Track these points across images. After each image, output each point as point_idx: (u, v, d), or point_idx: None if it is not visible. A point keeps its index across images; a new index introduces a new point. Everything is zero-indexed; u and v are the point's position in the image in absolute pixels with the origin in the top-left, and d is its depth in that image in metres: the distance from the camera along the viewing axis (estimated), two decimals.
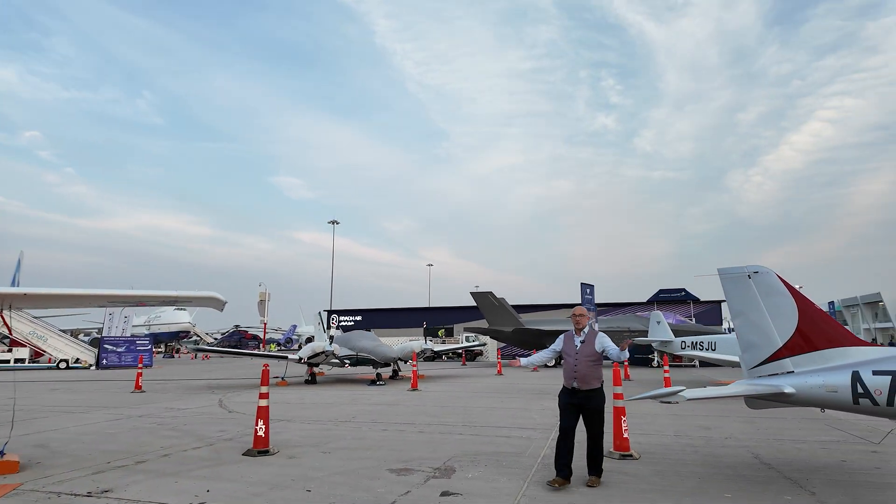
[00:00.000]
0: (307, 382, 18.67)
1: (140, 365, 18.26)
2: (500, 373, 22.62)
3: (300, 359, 18.08)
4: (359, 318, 47.33)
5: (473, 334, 37.90)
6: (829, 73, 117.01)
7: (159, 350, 63.14)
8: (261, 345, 59.48)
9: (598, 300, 31.99)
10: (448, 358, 37.34)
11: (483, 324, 33.85)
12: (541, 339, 29.96)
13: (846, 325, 47.44)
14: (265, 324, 59.17)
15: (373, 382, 17.76)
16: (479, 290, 31.60)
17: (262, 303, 56.47)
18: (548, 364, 7.39)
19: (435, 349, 20.70)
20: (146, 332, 68.01)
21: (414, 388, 15.79)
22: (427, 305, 55.39)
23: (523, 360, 6.10)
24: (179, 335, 70.38)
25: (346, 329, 42.85)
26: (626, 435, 6.65)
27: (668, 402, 8.35)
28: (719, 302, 39.68)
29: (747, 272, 5.85)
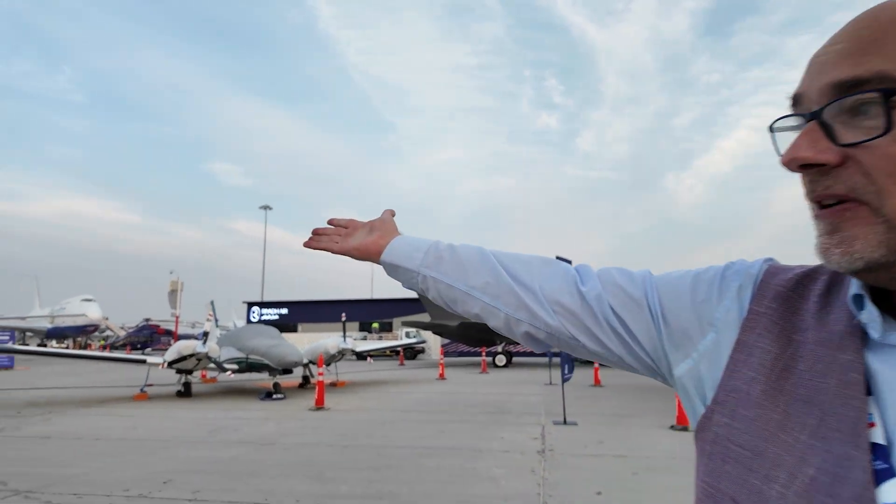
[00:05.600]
0: (179, 395, 13.56)
1: None
2: (442, 377, 18.23)
3: (164, 362, 12.96)
4: (284, 310, 41.71)
5: (414, 329, 33.40)
6: (753, 85, 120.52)
7: (62, 346, 54.88)
8: (172, 341, 52.63)
9: None
10: (386, 356, 32.67)
11: (425, 317, 29.41)
12: (490, 335, 25.85)
13: None
14: (177, 317, 52.29)
15: (268, 395, 12.92)
16: None
17: (173, 293, 49.62)
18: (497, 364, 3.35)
19: (357, 349, 15.96)
20: (48, 326, 59.38)
21: (319, 405, 11.10)
22: (364, 297, 50.44)
23: None
24: (87, 329, 61.91)
25: (271, 325, 37.16)
26: None
27: None
28: None
29: None
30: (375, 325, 40.34)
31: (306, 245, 1.03)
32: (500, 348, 25.43)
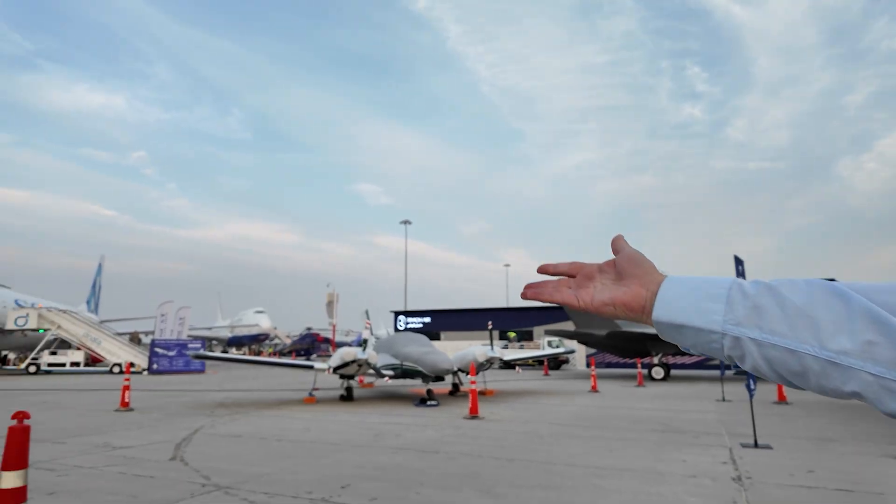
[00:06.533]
0: (342, 399, 14.43)
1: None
2: (594, 389, 17.23)
3: (329, 368, 13.85)
4: (427, 319, 43.15)
5: (557, 338, 32.39)
6: None
7: (240, 353, 62.79)
8: (331, 348, 57.28)
9: None
10: (528, 366, 32.08)
11: (569, 326, 28.35)
12: (643, 345, 24.05)
13: None
14: (334, 326, 56.80)
15: (421, 401, 13.17)
16: None
17: (329, 304, 54.03)
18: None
19: (505, 358, 15.68)
20: (229, 335, 68.45)
21: (473, 414, 10.98)
22: (503, 305, 50.41)
23: None
24: (260, 338, 70.13)
25: (417, 332, 38.73)
26: None
27: None
28: None
29: None
30: (512, 333, 39.87)
31: (525, 296, 0.80)
32: (656, 359, 23.52)
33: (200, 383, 21.02)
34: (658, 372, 23.04)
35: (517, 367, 16.29)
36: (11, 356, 34.65)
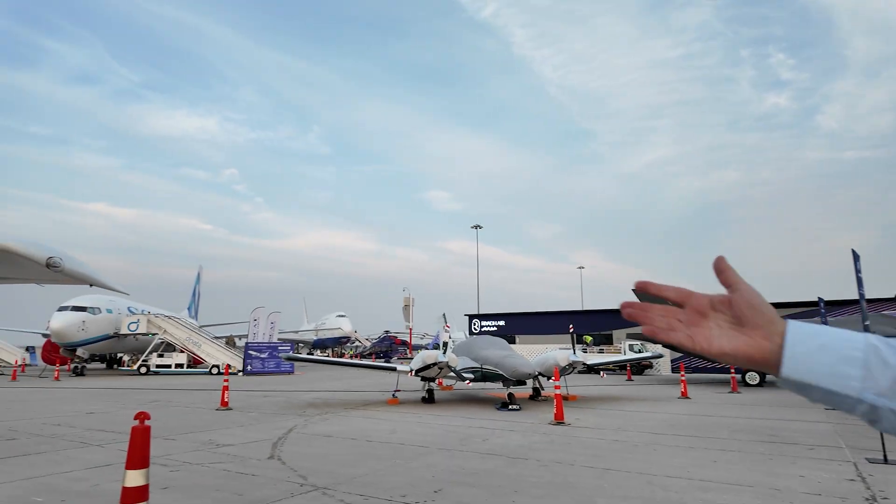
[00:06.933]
0: (424, 401, 14.56)
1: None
2: (685, 395, 16.28)
3: (411, 370, 14.02)
4: (501, 322, 42.76)
5: (639, 342, 31.05)
6: None
7: (324, 355, 65.43)
8: (408, 350, 58.27)
9: (798, 298, 23.45)
10: (609, 370, 30.96)
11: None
12: None
13: None
14: (410, 329, 57.62)
15: (503, 405, 12.99)
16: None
17: (406, 308, 55.09)
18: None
19: (588, 362, 15.15)
20: (314, 338, 71.62)
21: (558, 420, 10.68)
22: (578, 308, 49.07)
23: None
24: (342, 340, 72.83)
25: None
26: None
27: None
28: None
29: None
30: (589, 338, 38.55)
31: (628, 315, 0.78)
32: None
33: (290, 384, 22.03)
34: (753, 377, 21.45)
35: (602, 372, 15.69)
36: (125, 358, 38.07)
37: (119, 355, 38.50)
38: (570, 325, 14.72)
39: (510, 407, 12.74)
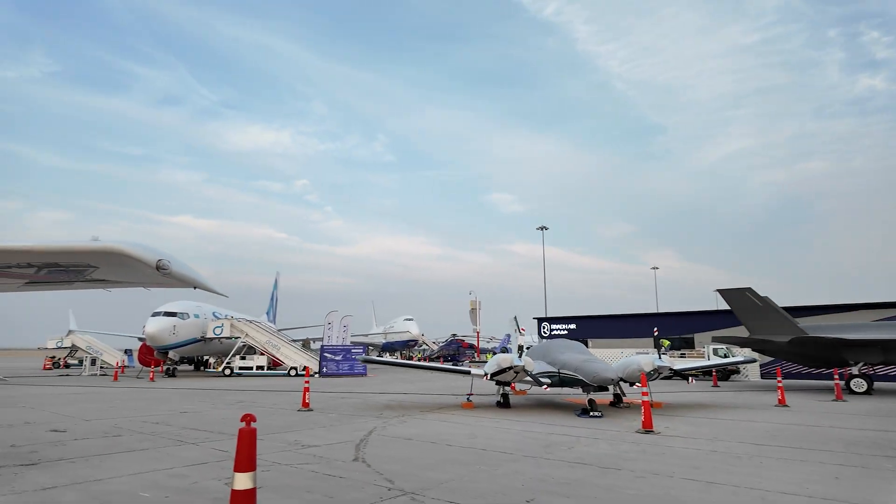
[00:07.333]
0: (499, 405, 14.30)
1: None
2: (782, 402, 15.02)
3: (486, 374, 13.80)
4: (572, 325, 41.62)
5: (724, 346, 29.19)
6: None
7: (394, 357, 66.60)
8: (476, 354, 58.05)
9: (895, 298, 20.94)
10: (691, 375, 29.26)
11: (738, 332, 25.34)
12: (837, 353, 20.59)
13: None
14: (478, 333, 57.39)
15: (584, 412, 12.49)
16: (730, 287, 23.43)
17: (473, 311, 54.92)
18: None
19: (675, 367, 14.30)
20: (384, 341, 73.16)
21: (647, 428, 10.09)
22: (656, 311, 47.02)
23: None
24: (410, 343, 73.93)
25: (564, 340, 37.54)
26: None
27: None
28: None
29: None
30: (666, 342, 36.74)
31: None
32: (855, 370, 20.00)
33: (364, 386, 22.44)
34: (859, 384, 19.52)
35: (690, 378, 14.77)
36: (212, 360, 40.42)
37: (206, 357, 40.90)
38: (655, 329, 13.99)
39: (591, 414, 12.22)
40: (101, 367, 37.20)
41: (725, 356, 29.11)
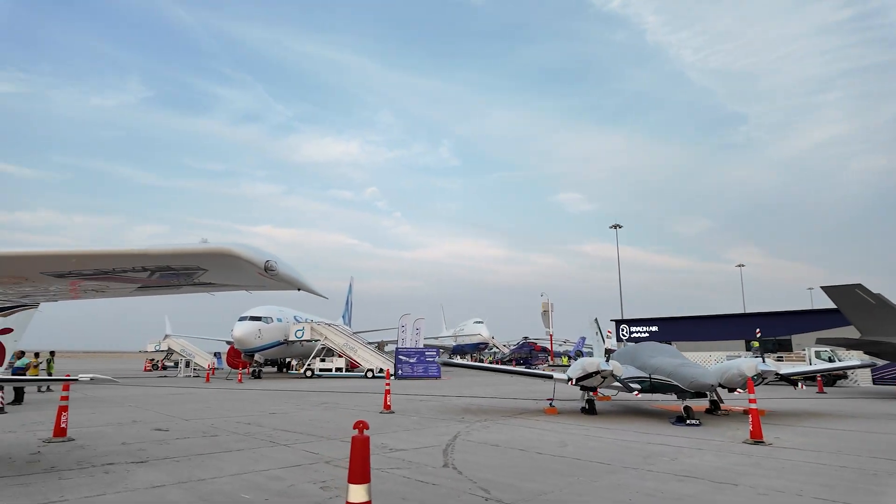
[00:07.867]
0: (584, 412, 13.70)
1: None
2: None
3: (569, 379, 13.26)
4: (654, 328, 39.73)
5: (828, 349, 26.73)
6: None
7: (464, 360, 66.64)
8: (549, 357, 56.81)
9: None
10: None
11: (846, 333, 23.06)
12: None
13: None
14: (551, 335, 56.24)
15: (679, 419, 11.68)
16: (837, 284, 21.30)
17: (545, 313, 53.79)
18: None
19: (780, 371, 13.09)
20: (454, 344, 73.42)
21: (756, 439, 9.22)
22: (743, 311, 44.02)
23: None
24: (480, 346, 73.70)
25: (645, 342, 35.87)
26: None
27: None
28: None
29: None
30: (755, 343, 34.04)
31: None
32: None
33: (440, 388, 22.41)
34: None
35: (799, 384, 13.48)
36: (294, 362, 42.12)
37: (288, 360, 42.65)
38: (758, 330, 12.89)
39: (688, 422, 11.39)
40: (194, 369, 39.69)
41: (830, 359, 26.62)
